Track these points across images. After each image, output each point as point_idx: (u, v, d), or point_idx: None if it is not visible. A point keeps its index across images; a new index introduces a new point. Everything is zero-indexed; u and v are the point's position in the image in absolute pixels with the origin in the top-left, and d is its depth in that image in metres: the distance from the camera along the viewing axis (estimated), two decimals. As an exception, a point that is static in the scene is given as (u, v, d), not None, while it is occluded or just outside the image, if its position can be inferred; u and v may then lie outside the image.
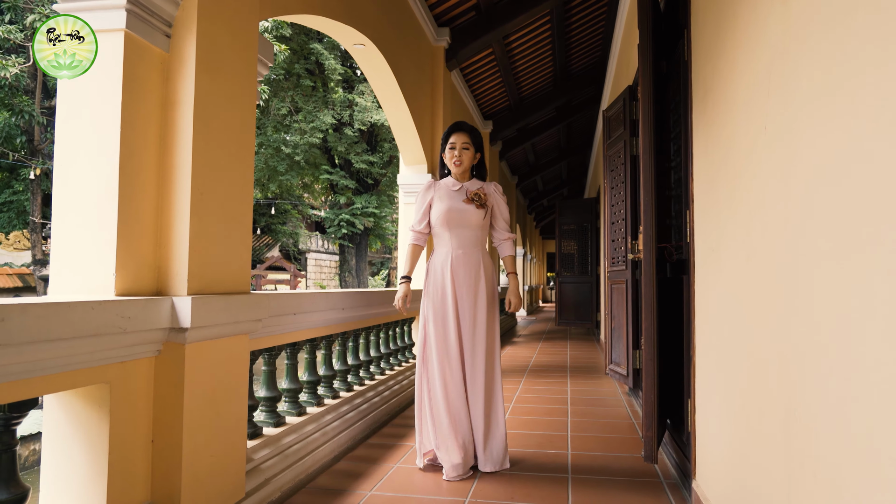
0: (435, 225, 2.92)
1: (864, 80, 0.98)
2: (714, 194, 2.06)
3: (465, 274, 2.82)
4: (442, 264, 2.85)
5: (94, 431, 1.71)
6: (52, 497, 1.69)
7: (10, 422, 1.48)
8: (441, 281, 2.83)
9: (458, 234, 2.86)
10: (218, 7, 2.05)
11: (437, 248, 2.93)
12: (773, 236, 1.43)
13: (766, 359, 1.49)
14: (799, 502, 1.24)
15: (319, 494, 2.54)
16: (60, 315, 1.44)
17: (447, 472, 2.71)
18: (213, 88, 2.02)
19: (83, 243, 1.76)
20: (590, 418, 3.95)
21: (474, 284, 2.83)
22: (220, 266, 2.06)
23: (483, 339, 2.81)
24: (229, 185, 2.11)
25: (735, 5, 1.81)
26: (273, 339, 2.68)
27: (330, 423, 3.11)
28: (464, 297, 2.81)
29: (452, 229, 2.86)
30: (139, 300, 1.71)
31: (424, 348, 2.85)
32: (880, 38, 0.92)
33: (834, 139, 1.09)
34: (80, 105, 1.79)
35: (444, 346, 2.79)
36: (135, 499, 1.80)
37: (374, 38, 4.10)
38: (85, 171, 1.77)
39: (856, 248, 1.00)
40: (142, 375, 1.83)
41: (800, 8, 1.27)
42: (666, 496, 2.48)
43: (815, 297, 1.17)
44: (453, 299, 2.80)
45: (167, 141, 1.93)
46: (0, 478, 1.47)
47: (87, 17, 1.77)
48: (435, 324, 2.82)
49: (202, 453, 1.96)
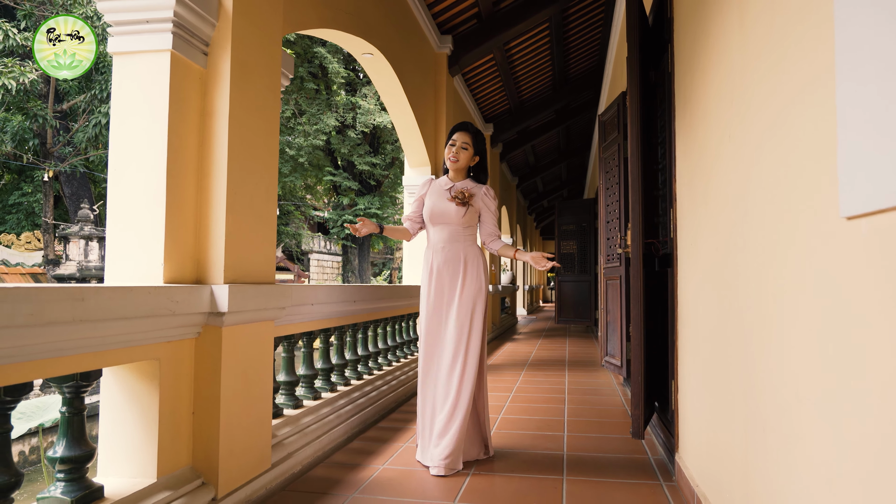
0: (424, 220, 3.03)
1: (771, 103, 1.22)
2: (692, 194, 2.31)
3: (445, 268, 2.89)
4: (428, 258, 2.96)
5: (146, 403, 1.95)
6: (111, 460, 1.93)
7: (82, 389, 1.72)
8: (428, 275, 2.92)
9: (440, 230, 2.94)
10: (248, 27, 2.30)
11: (427, 243, 3.03)
12: (733, 231, 1.67)
13: (728, 336, 1.73)
14: (753, 449, 1.48)
15: (336, 467, 2.78)
16: (126, 297, 1.68)
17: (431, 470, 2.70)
18: (244, 100, 2.26)
19: (135, 237, 2.01)
20: (585, 405, 4.19)
21: (453, 277, 2.87)
22: (250, 258, 2.31)
23: (454, 332, 2.80)
24: (257, 187, 2.36)
25: (707, 24, 2.05)
26: (292, 326, 2.93)
27: (343, 406, 3.35)
28: (443, 291, 2.87)
29: (435, 225, 2.95)
30: (185, 287, 1.95)
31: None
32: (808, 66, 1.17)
33: (778, 149, 1.34)
34: (131, 116, 2.04)
35: (424, 339, 2.87)
36: (179, 463, 2.04)
37: (381, 48, 4.34)
38: (136, 175, 2.02)
39: (783, 242, 1.24)
40: (185, 354, 2.07)
41: (753, 31, 1.51)
42: (652, 470, 2.72)
43: (762, 283, 1.41)
44: (433, 292, 2.88)
45: (205, 147, 2.17)
46: (73, 437, 1.71)
47: (137, 39, 2.02)
48: (422, 318, 2.92)
49: (235, 425, 2.20)
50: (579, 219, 10.53)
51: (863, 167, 0.88)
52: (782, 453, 1.26)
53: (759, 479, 1.43)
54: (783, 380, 1.26)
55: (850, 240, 0.95)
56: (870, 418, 0.88)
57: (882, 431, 0.84)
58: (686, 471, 2.36)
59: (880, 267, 0.85)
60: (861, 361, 0.92)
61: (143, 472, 1.93)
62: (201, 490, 2.06)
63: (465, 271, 2.88)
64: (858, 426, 0.92)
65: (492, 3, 5.91)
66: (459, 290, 2.86)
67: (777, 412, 1.30)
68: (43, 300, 1.43)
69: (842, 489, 0.97)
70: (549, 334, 10.37)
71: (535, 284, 22.28)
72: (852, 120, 0.91)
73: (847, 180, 0.93)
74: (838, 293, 1.00)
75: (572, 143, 12.57)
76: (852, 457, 0.94)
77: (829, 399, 1.02)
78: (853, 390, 0.94)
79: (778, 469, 1.29)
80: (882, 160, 0.82)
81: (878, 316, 0.85)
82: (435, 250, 2.94)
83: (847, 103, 0.93)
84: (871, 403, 0.88)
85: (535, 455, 2.97)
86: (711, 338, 1.97)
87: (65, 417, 1.73)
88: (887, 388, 0.83)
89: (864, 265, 0.91)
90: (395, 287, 4.31)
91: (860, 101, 0.89)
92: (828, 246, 1.04)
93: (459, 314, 2.83)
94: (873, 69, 0.85)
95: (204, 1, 2.11)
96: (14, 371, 1.45)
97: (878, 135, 0.83)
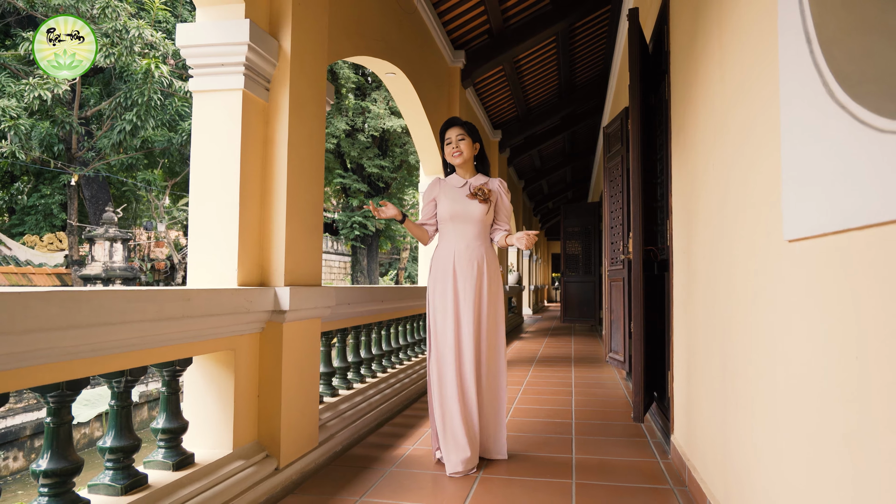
0: (440, 221, 2.97)
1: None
2: (685, 210, 2.67)
3: (468, 268, 2.84)
4: (445, 259, 2.88)
5: (223, 387, 2.32)
6: (195, 434, 2.31)
7: (178, 373, 2.10)
8: (445, 275, 2.86)
9: (461, 230, 2.89)
10: (302, 65, 2.67)
11: (441, 243, 2.95)
12: (712, 244, 2.04)
13: (708, 327, 2.10)
14: (730, 416, 1.85)
15: (372, 447, 3.15)
16: (217, 297, 2.06)
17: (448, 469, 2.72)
18: (298, 128, 2.64)
19: (213, 246, 2.38)
20: (591, 397, 4.55)
21: (477, 279, 2.85)
22: (303, 264, 2.68)
23: (486, 333, 2.85)
24: (307, 202, 2.73)
25: (696, 64, 2.41)
26: (331, 323, 3.30)
27: (372, 396, 3.72)
28: (467, 291, 2.83)
29: (456, 225, 2.90)
30: (257, 289, 2.33)
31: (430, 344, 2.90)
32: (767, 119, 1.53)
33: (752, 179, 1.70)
34: (209, 144, 2.41)
35: (446, 340, 2.81)
36: (248, 438, 2.42)
37: (402, 67, 4.71)
38: (214, 194, 2.39)
39: (743, 255, 1.61)
40: (253, 346, 2.45)
41: (730, 78, 1.88)
42: (650, 449, 3.09)
43: (732, 287, 1.78)
44: (454, 293, 2.83)
45: (266, 170, 2.55)
46: (171, 411, 2.08)
47: (214, 80, 2.40)
48: (438, 318, 2.85)
49: (292, 408, 2.57)
50: (584, 222, 10.88)
51: (795, 206, 1.24)
52: (743, 407, 1.63)
53: (732, 434, 1.80)
54: (751, 362, 1.63)
55: (791, 256, 1.31)
56: (793, 378, 1.25)
57: (791, 386, 1.21)
58: (679, 448, 2.73)
59: (806, 272, 1.22)
60: (791, 342, 1.28)
61: (221, 443, 2.31)
62: (266, 461, 2.43)
63: (486, 272, 2.88)
64: (784, 385, 1.29)
65: (503, 20, 6.27)
66: (486, 289, 2.85)
67: (742, 381, 1.66)
68: (162, 300, 1.80)
69: (777, 421, 1.34)
70: (554, 333, 10.73)
71: (540, 284, 22.63)
72: (788, 171, 1.28)
73: (788, 214, 1.29)
74: (785, 293, 1.36)
75: (577, 147, 12.92)
76: (781, 403, 1.30)
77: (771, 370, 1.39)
78: (785, 362, 1.30)
79: (740, 421, 1.66)
80: (808, 201, 1.18)
81: (806, 301, 1.22)
82: (456, 250, 2.87)
83: (786, 160, 1.29)
84: (792, 371, 1.25)
85: (546, 438, 3.33)
86: (698, 332, 2.33)
87: (164, 396, 2.10)
88: (805, 360, 1.20)
89: (798, 274, 1.27)
90: (415, 287, 4.68)
91: (793, 160, 1.25)
92: (775, 260, 1.40)
93: (482, 315, 2.84)
94: (800, 139, 1.21)
95: (268, 46, 2.48)
96: (136, 357, 1.82)
97: (801, 185, 1.19)
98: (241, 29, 2.35)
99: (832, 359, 1.09)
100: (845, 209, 1.00)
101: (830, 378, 1.10)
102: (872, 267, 0.95)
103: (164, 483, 1.92)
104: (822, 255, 1.14)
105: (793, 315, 1.29)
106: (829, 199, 1.07)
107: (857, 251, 1.00)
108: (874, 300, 0.94)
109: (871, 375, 0.95)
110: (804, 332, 1.23)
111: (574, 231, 11.07)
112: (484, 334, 2.86)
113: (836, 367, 1.08)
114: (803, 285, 1.24)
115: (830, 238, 1.10)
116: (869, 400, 0.95)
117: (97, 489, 1.79)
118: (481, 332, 2.86)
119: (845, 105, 1.05)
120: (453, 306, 2.83)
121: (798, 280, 1.27)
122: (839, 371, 1.06)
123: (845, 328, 1.04)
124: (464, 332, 2.82)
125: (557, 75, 8.59)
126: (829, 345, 1.11)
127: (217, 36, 2.36)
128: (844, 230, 1.02)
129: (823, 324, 1.14)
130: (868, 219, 0.92)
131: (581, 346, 8.44)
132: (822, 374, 1.13)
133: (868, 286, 0.96)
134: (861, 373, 0.98)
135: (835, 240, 1.08)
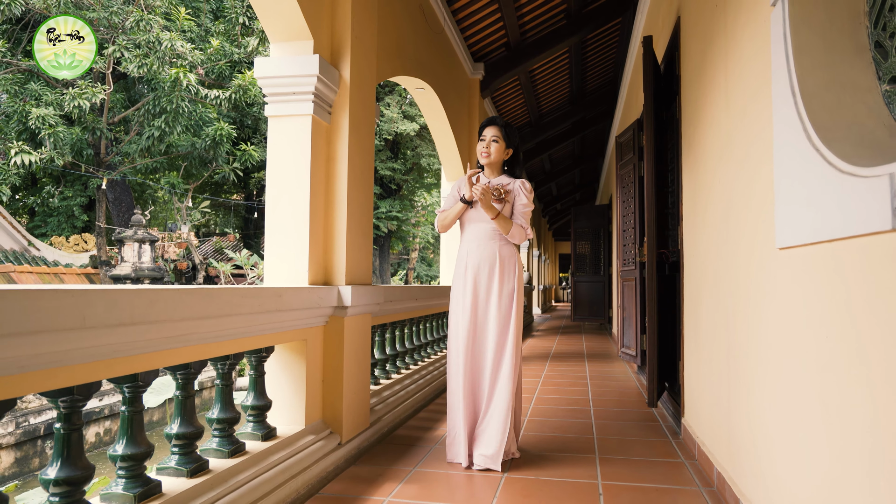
0: (460, 220, 3.01)
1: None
2: (695, 217, 3.03)
3: (480, 266, 2.87)
4: (462, 257, 2.94)
5: (296, 372, 2.70)
6: (275, 413, 2.68)
7: (264, 359, 2.47)
8: (460, 274, 2.92)
9: (476, 229, 2.93)
10: (358, 91, 3.04)
11: (461, 242, 2.99)
12: (719, 248, 2.40)
13: (715, 320, 2.46)
14: (734, 394, 2.21)
15: (412, 429, 3.53)
16: (299, 295, 2.44)
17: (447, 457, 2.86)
18: (355, 146, 3.01)
19: (286, 250, 2.76)
20: (606, 388, 4.92)
21: (490, 276, 2.86)
22: (359, 265, 3.06)
23: (497, 332, 2.83)
24: (361, 211, 3.10)
25: (704, 89, 2.76)
26: (377, 318, 3.67)
27: (409, 385, 4.10)
28: (479, 290, 2.86)
29: (472, 224, 2.94)
30: (324, 287, 2.70)
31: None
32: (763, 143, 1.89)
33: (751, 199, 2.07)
34: (283, 162, 2.79)
35: (456, 337, 2.86)
36: (315, 417, 2.79)
37: (431, 83, 5.09)
38: (287, 205, 2.77)
39: (743, 259, 1.97)
40: (319, 337, 2.82)
41: (735, 104, 2.24)
42: (663, 431, 3.45)
43: (735, 287, 2.14)
44: (466, 291, 2.88)
45: (329, 184, 2.92)
46: (258, 391, 2.46)
47: (287, 107, 2.77)
48: (452, 316, 2.94)
49: (351, 391, 2.95)
50: (594, 223, 11.23)
51: (784, 221, 1.61)
52: (743, 387, 1.99)
53: (735, 410, 2.16)
54: (750, 347, 1.99)
55: (782, 261, 1.67)
56: (783, 357, 1.61)
57: (779, 365, 1.57)
58: (689, 428, 3.09)
59: (791, 272, 1.58)
60: (788, 332, 1.65)
61: (295, 420, 2.68)
62: (331, 437, 2.80)
63: (501, 270, 2.87)
64: (775, 366, 1.65)
65: (520, 34, 6.64)
66: (497, 288, 2.85)
67: (744, 364, 2.03)
68: (263, 296, 2.18)
69: (773, 397, 1.70)
70: (565, 331, 11.08)
71: (549, 284, 22.97)
72: (779, 194, 1.64)
73: (779, 227, 1.65)
74: (780, 293, 1.73)
75: (587, 150, 13.26)
76: (773, 378, 1.67)
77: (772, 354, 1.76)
78: (780, 347, 1.67)
79: (741, 399, 2.02)
80: (794, 218, 1.54)
81: (796, 298, 1.58)
82: (470, 249, 2.92)
83: (777, 185, 1.66)
84: (782, 351, 1.61)
85: (570, 423, 3.70)
86: (707, 324, 2.69)
87: (252, 378, 2.47)
88: (792, 342, 1.56)
89: (784, 274, 1.64)
90: (443, 287, 5.05)
91: (782, 186, 1.61)
92: (770, 263, 1.76)
93: (498, 313, 2.84)
94: (786, 172, 1.57)
95: (332, 76, 2.85)
96: (238, 344, 2.20)
97: (787, 205, 1.56)
98: (312, 63, 2.72)
99: (810, 340, 1.45)
100: (816, 227, 1.37)
101: (809, 353, 1.46)
102: (836, 271, 1.31)
103: (256, 451, 2.30)
104: (803, 261, 1.50)
105: (783, 308, 1.65)
106: (806, 218, 1.44)
107: (821, 259, 1.36)
108: (831, 296, 1.30)
109: (838, 350, 1.31)
110: (792, 321, 1.59)
111: (584, 232, 11.42)
112: (494, 333, 2.83)
113: (813, 345, 1.44)
114: (789, 284, 1.60)
115: (809, 248, 1.46)
116: (836, 369, 1.31)
117: (206, 452, 2.16)
118: (488, 331, 2.85)
119: (819, 148, 1.41)
120: (464, 304, 2.87)
121: (786, 279, 1.63)
122: (815, 348, 1.42)
123: (821, 316, 1.40)
124: (473, 330, 2.84)
125: (569, 83, 8.95)
126: (807, 331, 1.47)
127: (291, 69, 2.74)
128: (815, 242, 1.39)
129: (804, 313, 1.50)
130: (829, 234, 1.28)
131: (592, 343, 8.79)
132: (804, 351, 1.50)
133: (829, 286, 1.33)
134: (831, 349, 1.34)
135: (812, 249, 1.44)
